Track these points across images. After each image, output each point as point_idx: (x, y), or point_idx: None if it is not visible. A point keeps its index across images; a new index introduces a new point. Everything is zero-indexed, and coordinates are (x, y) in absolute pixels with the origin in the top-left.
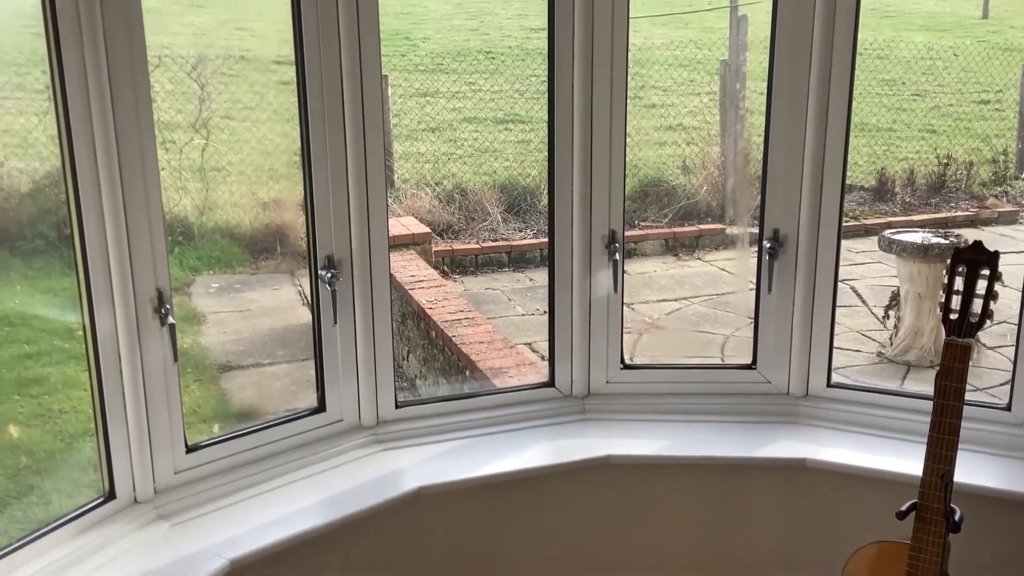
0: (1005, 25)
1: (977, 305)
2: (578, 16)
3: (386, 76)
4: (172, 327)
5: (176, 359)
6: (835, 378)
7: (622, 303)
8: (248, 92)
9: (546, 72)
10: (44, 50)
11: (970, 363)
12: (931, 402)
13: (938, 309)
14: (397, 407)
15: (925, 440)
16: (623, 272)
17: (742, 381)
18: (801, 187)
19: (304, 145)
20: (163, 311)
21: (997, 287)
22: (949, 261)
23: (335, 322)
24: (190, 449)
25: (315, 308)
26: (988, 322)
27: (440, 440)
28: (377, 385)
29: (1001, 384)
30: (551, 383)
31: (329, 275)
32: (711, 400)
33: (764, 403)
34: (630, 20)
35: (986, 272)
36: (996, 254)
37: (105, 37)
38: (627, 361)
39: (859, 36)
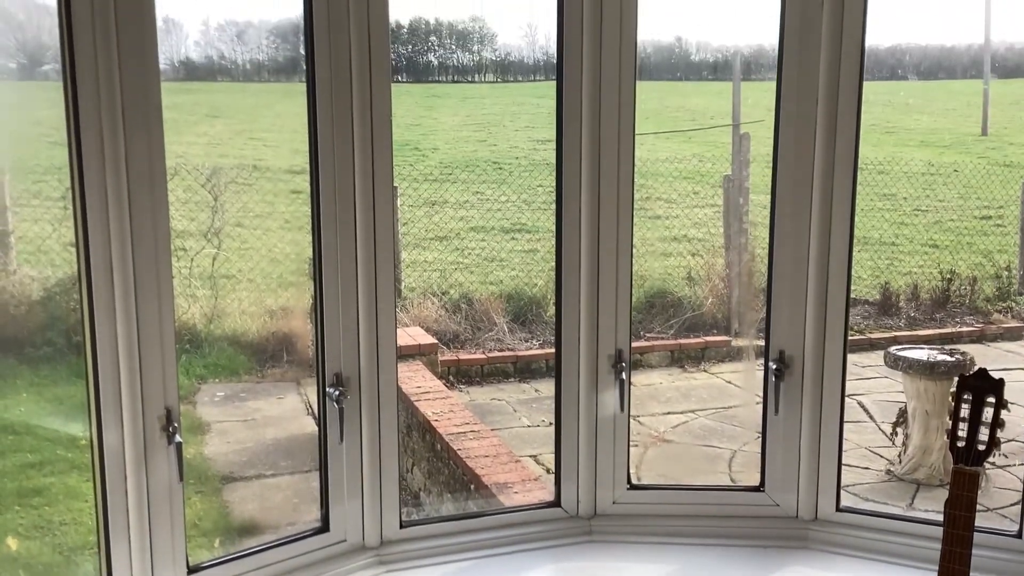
0: (1004, 142)
1: (984, 432)
2: (585, 129)
3: (396, 187)
4: (179, 445)
5: (181, 478)
6: (844, 498)
7: (628, 422)
8: (260, 201)
9: (553, 183)
10: (60, 159)
11: (979, 490)
12: (941, 528)
13: (945, 436)
14: (402, 527)
15: (936, 568)
16: (630, 391)
17: (750, 504)
18: (806, 306)
19: (316, 256)
20: (171, 429)
21: (1004, 412)
22: (954, 388)
23: (341, 440)
24: (192, 570)
25: (322, 425)
26: (995, 451)
27: (444, 561)
28: (382, 505)
29: (1012, 504)
30: (557, 503)
31: (337, 393)
32: (719, 523)
33: (773, 527)
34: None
35: (992, 400)
36: (1001, 382)
37: (126, 147)
38: (634, 481)
39: (860, 152)
